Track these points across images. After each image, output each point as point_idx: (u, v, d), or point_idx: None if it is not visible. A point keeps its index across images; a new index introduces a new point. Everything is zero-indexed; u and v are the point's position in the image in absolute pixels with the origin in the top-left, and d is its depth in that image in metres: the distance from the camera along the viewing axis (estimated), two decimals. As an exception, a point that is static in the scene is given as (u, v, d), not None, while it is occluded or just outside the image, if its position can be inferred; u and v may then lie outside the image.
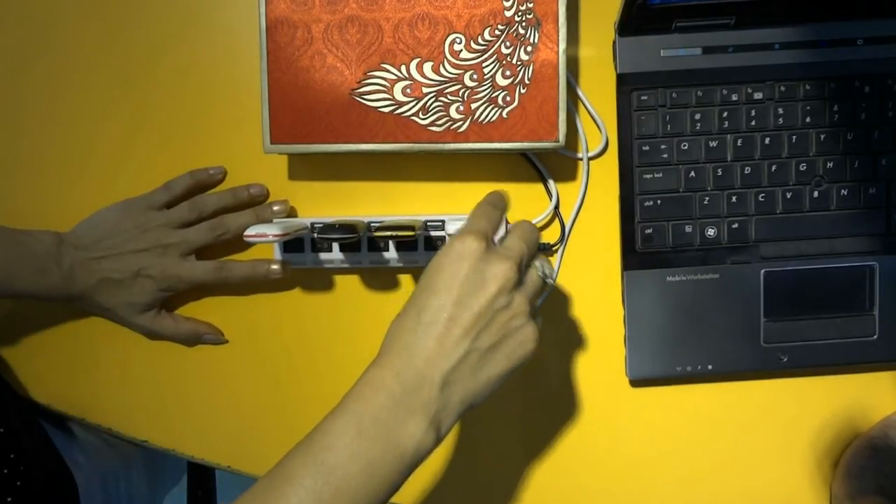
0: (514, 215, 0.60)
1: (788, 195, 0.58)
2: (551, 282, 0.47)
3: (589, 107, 0.59)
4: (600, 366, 0.61)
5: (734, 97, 0.58)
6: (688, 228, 0.58)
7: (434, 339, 0.42)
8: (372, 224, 0.58)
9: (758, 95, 0.58)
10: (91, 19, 0.63)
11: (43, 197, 0.63)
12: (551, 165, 0.60)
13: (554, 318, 0.61)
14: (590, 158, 0.61)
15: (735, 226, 0.58)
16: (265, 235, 0.53)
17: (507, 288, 0.43)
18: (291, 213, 0.62)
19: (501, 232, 0.47)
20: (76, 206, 0.62)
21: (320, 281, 0.62)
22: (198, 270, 0.59)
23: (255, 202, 0.61)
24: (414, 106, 0.56)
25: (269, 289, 0.62)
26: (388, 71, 0.56)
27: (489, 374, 0.43)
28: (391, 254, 0.60)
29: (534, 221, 0.60)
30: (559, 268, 0.61)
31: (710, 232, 0.58)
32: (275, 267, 0.59)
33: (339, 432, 0.41)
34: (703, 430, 0.61)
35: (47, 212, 0.63)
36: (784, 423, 0.60)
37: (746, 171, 0.58)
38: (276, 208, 0.60)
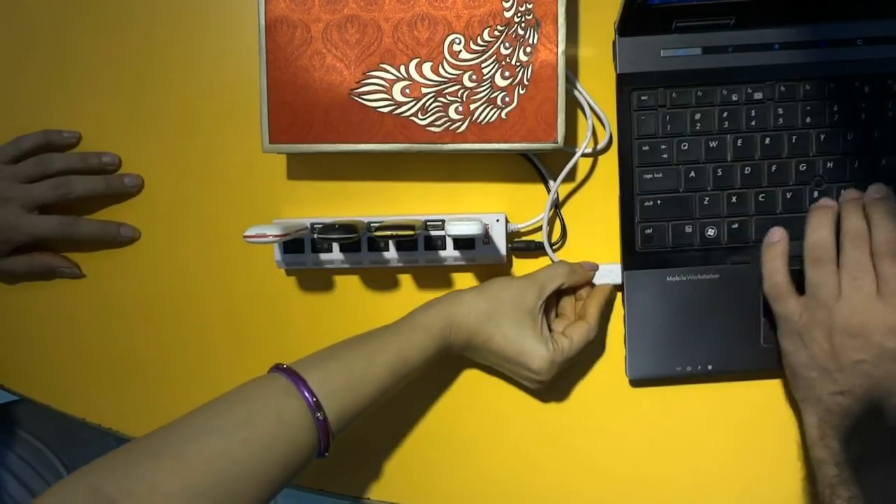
0: (514, 215, 0.60)
1: (788, 195, 0.58)
2: None
3: (594, 105, 0.59)
4: (600, 366, 0.61)
5: (734, 97, 0.58)
6: (688, 228, 0.58)
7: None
8: (372, 224, 0.58)
9: (758, 95, 0.57)
10: (90, 19, 0.63)
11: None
12: (551, 165, 0.60)
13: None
14: (594, 153, 0.60)
15: (735, 226, 0.58)
16: (265, 236, 0.53)
17: None
18: (291, 213, 0.62)
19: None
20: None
21: (320, 281, 0.62)
22: (41, 224, 0.60)
23: (105, 170, 0.62)
24: (413, 106, 0.56)
25: (267, 291, 0.62)
26: (387, 71, 0.56)
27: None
28: (391, 254, 0.60)
29: (533, 221, 0.60)
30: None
31: (710, 232, 0.58)
32: (123, 230, 0.61)
33: (420, 350, 0.54)
34: (703, 430, 0.61)
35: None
36: (783, 423, 0.60)
37: (746, 172, 0.58)
38: (126, 181, 0.61)
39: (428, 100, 0.56)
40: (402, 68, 0.56)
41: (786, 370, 0.56)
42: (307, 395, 0.48)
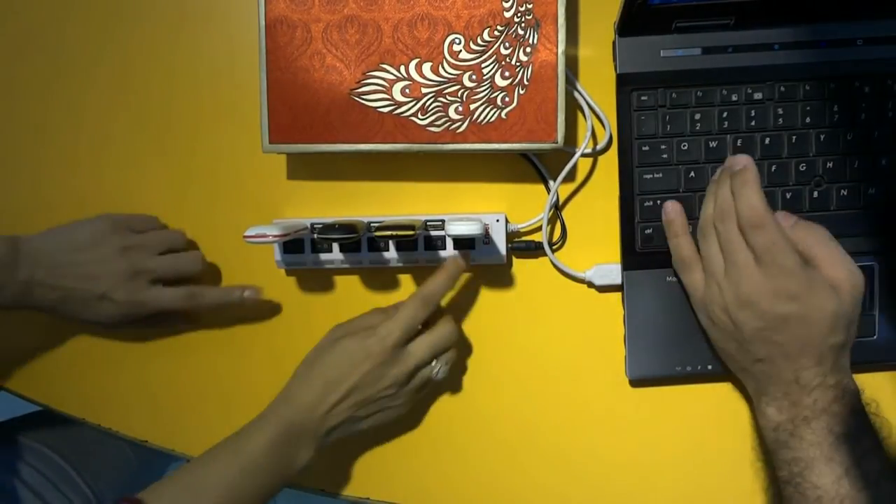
0: (514, 215, 0.60)
1: (788, 195, 0.58)
2: (439, 377, 0.57)
3: (593, 105, 0.59)
4: (600, 366, 0.61)
5: (734, 97, 0.58)
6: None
7: (330, 405, 0.54)
8: (372, 224, 0.58)
9: (758, 96, 0.57)
10: (90, 19, 0.63)
11: (42, 196, 0.63)
12: (551, 165, 0.60)
13: (554, 318, 0.61)
14: (594, 153, 0.61)
15: (735, 226, 0.58)
16: (265, 236, 0.53)
17: (398, 384, 0.56)
18: (291, 213, 0.62)
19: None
20: (74, 206, 0.63)
21: (320, 281, 0.62)
22: (165, 297, 0.58)
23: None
24: (413, 106, 0.56)
25: (267, 291, 0.62)
26: (387, 71, 0.56)
27: (359, 429, 0.57)
28: (391, 254, 0.60)
29: (533, 221, 0.60)
30: (559, 264, 0.61)
31: (710, 232, 0.58)
32: (248, 293, 0.60)
33: (260, 434, 0.53)
34: (702, 430, 0.61)
35: (46, 211, 0.63)
36: (784, 424, 0.60)
37: (746, 172, 0.58)
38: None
39: (428, 100, 0.56)
40: (402, 68, 0.56)
41: (714, 349, 0.57)
42: None
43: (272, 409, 0.55)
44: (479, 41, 0.56)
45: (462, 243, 0.59)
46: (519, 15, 0.55)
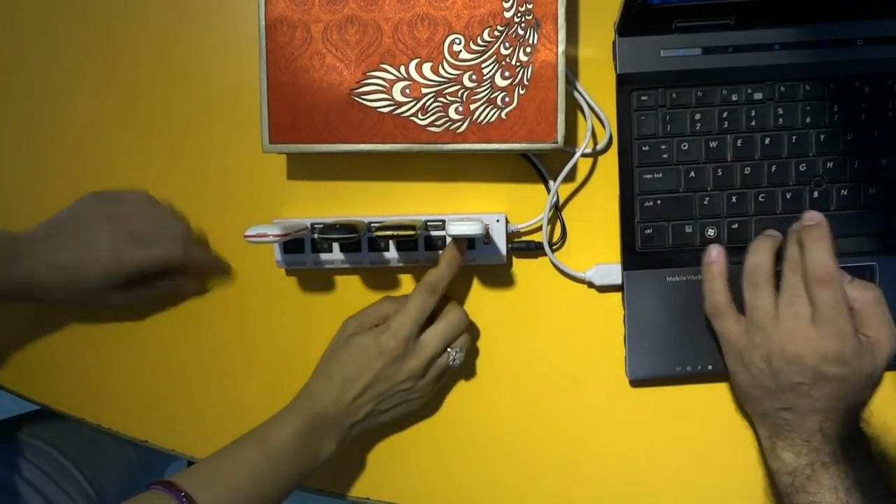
0: (514, 215, 0.60)
1: (788, 195, 0.58)
2: (456, 364, 0.58)
3: (593, 105, 0.59)
4: (600, 366, 0.61)
5: (734, 97, 0.58)
6: (688, 228, 0.58)
7: (350, 399, 0.56)
8: (372, 224, 0.58)
9: (758, 96, 0.57)
10: (90, 19, 0.63)
11: (41, 196, 0.63)
12: (551, 165, 0.60)
13: (554, 318, 0.61)
14: (594, 153, 0.61)
15: (735, 226, 0.58)
16: (265, 235, 0.53)
17: (415, 377, 0.56)
18: (291, 213, 0.62)
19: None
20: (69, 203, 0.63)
21: (320, 281, 0.62)
22: (147, 254, 0.58)
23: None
24: (413, 106, 0.56)
25: (267, 291, 0.62)
26: (387, 71, 0.56)
27: (381, 421, 0.58)
28: (391, 254, 0.59)
29: (533, 221, 0.60)
30: (559, 264, 0.61)
31: (710, 232, 0.58)
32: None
33: (286, 425, 0.55)
34: (702, 430, 0.61)
35: (46, 211, 0.63)
36: (784, 424, 0.60)
37: (746, 172, 0.58)
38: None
39: (428, 100, 0.56)
40: (402, 68, 0.56)
41: (733, 388, 0.58)
42: (176, 494, 0.50)
43: (297, 402, 0.56)
44: (480, 41, 0.56)
45: (462, 243, 0.59)
46: (519, 15, 0.55)
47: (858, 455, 0.51)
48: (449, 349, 0.57)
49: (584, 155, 0.60)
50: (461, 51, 0.56)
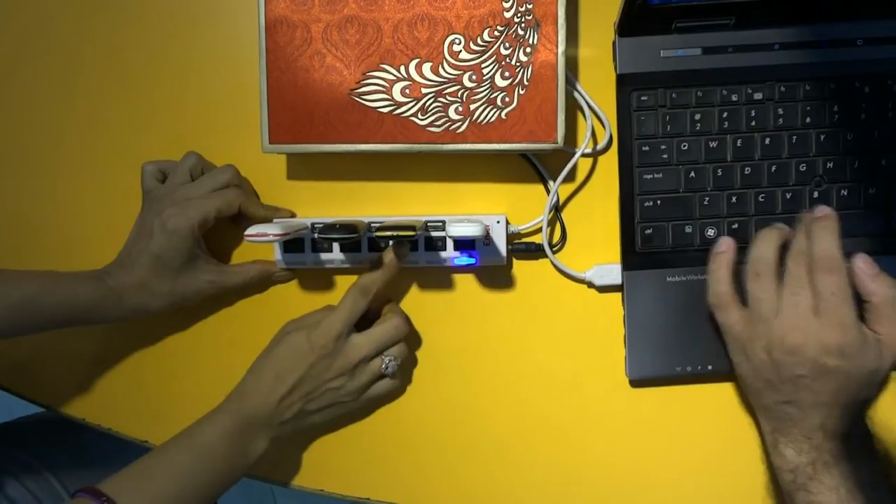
0: (514, 216, 0.60)
1: (788, 195, 0.58)
2: (389, 373, 0.58)
3: (593, 105, 0.59)
4: (600, 366, 0.61)
5: (734, 97, 0.58)
6: (688, 229, 0.58)
7: (278, 398, 0.56)
8: (372, 224, 0.58)
9: (758, 96, 0.57)
10: (91, 19, 0.63)
11: (41, 196, 0.63)
12: (551, 166, 0.60)
13: (555, 318, 0.61)
14: (594, 153, 0.60)
15: (735, 226, 0.58)
16: (265, 235, 0.53)
17: (343, 377, 0.57)
18: (292, 213, 0.62)
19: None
20: (75, 206, 0.63)
21: (320, 281, 0.62)
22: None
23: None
24: (413, 106, 0.56)
25: (267, 290, 0.62)
26: (387, 71, 0.56)
27: (313, 421, 0.59)
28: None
29: (534, 222, 0.60)
30: (559, 265, 0.61)
31: (710, 232, 0.58)
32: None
33: (215, 424, 0.55)
34: (703, 430, 0.61)
35: (46, 212, 0.63)
36: (784, 424, 0.60)
37: (746, 172, 0.58)
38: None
39: (428, 100, 0.56)
40: (402, 68, 0.56)
41: (738, 380, 0.57)
42: (98, 499, 0.50)
43: (227, 401, 0.57)
44: (479, 41, 0.56)
45: (463, 244, 0.59)
46: (519, 15, 0.55)
47: (861, 455, 0.51)
48: (383, 356, 0.58)
49: (583, 155, 0.60)
50: (461, 51, 0.56)
